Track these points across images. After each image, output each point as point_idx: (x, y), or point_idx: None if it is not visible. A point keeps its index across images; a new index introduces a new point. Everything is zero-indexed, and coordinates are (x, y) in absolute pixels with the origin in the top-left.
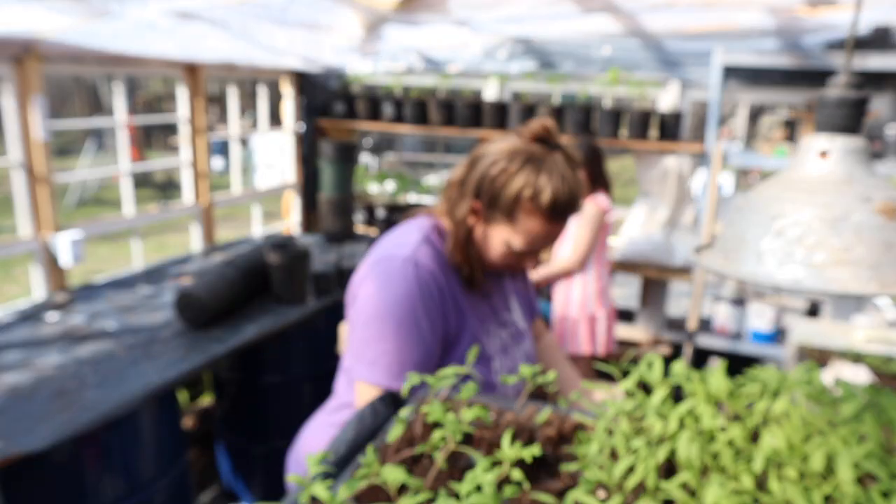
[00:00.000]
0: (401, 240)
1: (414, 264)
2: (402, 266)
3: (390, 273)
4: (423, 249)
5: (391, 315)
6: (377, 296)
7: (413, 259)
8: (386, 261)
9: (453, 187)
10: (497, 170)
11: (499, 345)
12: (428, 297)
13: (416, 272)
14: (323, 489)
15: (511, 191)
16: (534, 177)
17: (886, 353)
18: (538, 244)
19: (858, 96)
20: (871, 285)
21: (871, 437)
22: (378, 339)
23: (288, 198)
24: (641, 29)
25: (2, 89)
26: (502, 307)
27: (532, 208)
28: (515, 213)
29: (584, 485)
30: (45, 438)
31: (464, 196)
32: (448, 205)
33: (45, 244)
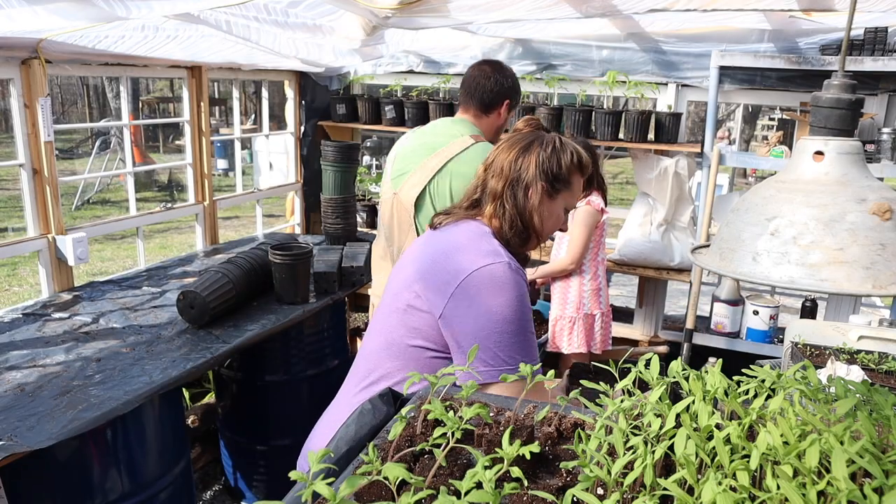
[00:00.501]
0: (485, 246)
1: (516, 269)
2: (507, 271)
3: (500, 279)
4: (504, 251)
5: (515, 319)
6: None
7: (511, 263)
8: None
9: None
10: (548, 152)
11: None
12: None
13: (518, 275)
14: (324, 486)
15: (566, 162)
16: (571, 147)
17: (881, 352)
18: (578, 197)
19: (853, 98)
20: (865, 285)
21: (866, 435)
22: (518, 340)
23: (290, 198)
24: (640, 31)
25: (9, 91)
26: None
27: (577, 169)
28: (571, 178)
29: (583, 482)
30: (49, 436)
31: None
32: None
33: (51, 244)
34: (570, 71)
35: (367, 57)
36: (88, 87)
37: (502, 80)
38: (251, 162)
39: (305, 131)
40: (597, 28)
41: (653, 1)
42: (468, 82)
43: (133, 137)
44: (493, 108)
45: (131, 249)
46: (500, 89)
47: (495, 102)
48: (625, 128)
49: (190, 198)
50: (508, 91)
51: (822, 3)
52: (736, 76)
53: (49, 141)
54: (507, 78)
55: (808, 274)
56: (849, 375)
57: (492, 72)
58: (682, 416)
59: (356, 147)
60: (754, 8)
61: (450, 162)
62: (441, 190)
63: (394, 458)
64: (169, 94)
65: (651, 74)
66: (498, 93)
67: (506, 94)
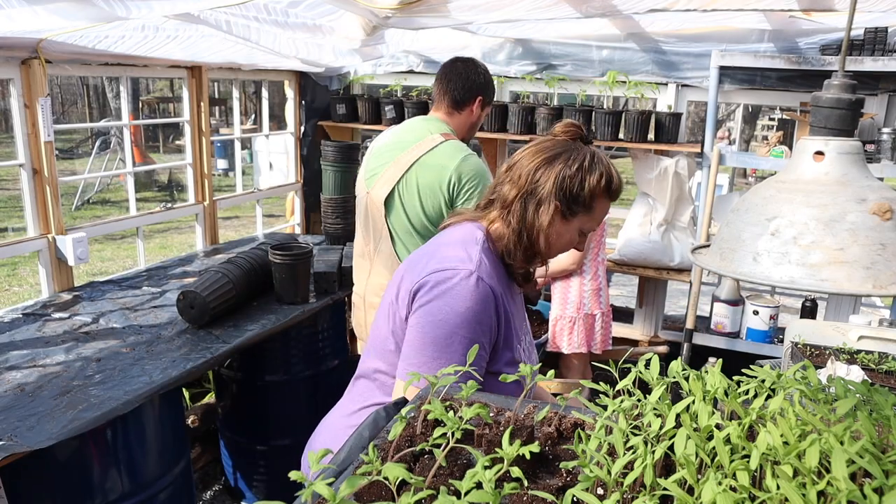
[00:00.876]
0: (462, 250)
1: (478, 279)
2: (466, 279)
3: (454, 285)
4: (484, 261)
5: (455, 328)
6: (440, 308)
7: (477, 274)
8: (450, 272)
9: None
10: (572, 171)
11: (521, 351)
12: (488, 313)
13: (479, 287)
14: (324, 486)
15: (591, 184)
16: (603, 168)
17: (881, 352)
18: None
19: (853, 98)
20: (865, 285)
21: (866, 435)
22: (443, 353)
23: (290, 198)
24: (639, 31)
25: (9, 91)
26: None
27: (605, 193)
28: (594, 202)
29: (583, 482)
30: (49, 436)
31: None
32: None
33: (51, 244)
34: (570, 71)
35: (367, 57)
36: (88, 87)
37: (474, 76)
38: (251, 162)
39: (305, 131)
40: (597, 28)
41: (653, 1)
42: (439, 79)
43: (133, 137)
44: (465, 106)
45: (131, 249)
46: (472, 86)
47: (466, 99)
48: (625, 128)
49: (190, 198)
50: (480, 88)
51: (822, 3)
52: (736, 76)
53: (49, 141)
54: (479, 74)
55: (809, 274)
56: (849, 375)
57: (463, 68)
58: (682, 416)
59: (356, 147)
60: (754, 8)
61: (418, 160)
62: (409, 188)
63: (394, 458)
64: (169, 94)
65: (651, 74)
66: (469, 89)
67: (477, 90)
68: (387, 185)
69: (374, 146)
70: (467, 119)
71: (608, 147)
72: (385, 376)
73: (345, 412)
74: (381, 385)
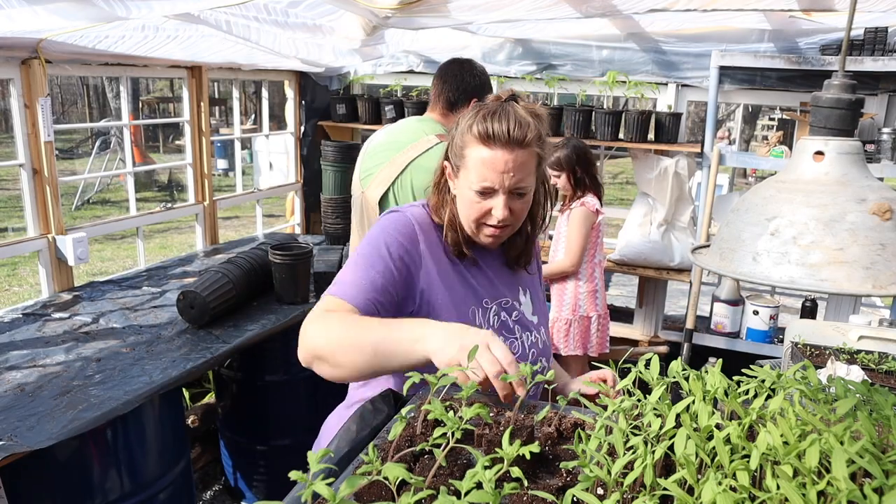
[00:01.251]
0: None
1: (400, 212)
2: (388, 214)
3: (381, 220)
4: (420, 212)
5: (367, 242)
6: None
7: (402, 210)
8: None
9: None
10: (454, 128)
11: (496, 323)
12: (400, 234)
13: (398, 217)
14: (324, 486)
15: (462, 128)
16: (477, 115)
17: (881, 352)
18: (490, 175)
19: (853, 98)
20: (865, 285)
21: (866, 435)
22: (350, 264)
23: (290, 198)
24: (639, 31)
25: (9, 91)
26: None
27: (474, 139)
28: (465, 152)
29: (583, 482)
30: (49, 436)
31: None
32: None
33: (51, 244)
34: (570, 71)
35: (367, 57)
36: (88, 87)
37: (469, 78)
38: (251, 162)
39: (305, 131)
40: (597, 28)
41: (653, 1)
42: (436, 80)
43: (133, 137)
44: (460, 107)
45: (131, 249)
46: (466, 88)
47: (461, 101)
48: (625, 128)
49: (190, 198)
50: (475, 90)
51: (822, 3)
52: (736, 76)
53: (49, 141)
54: (474, 76)
55: (808, 274)
56: (849, 375)
57: (459, 70)
58: (682, 416)
59: (356, 147)
60: (754, 8)
61: (413, 161)
62: (404, 189)
63: (394, 458)
64: (169, 94)
65: (651, 74)
66: (463, 91)
67: (472, 92)
68: (382, 185)
69: (369, 145)
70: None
71: (608, 147)
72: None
73: (341, 408)
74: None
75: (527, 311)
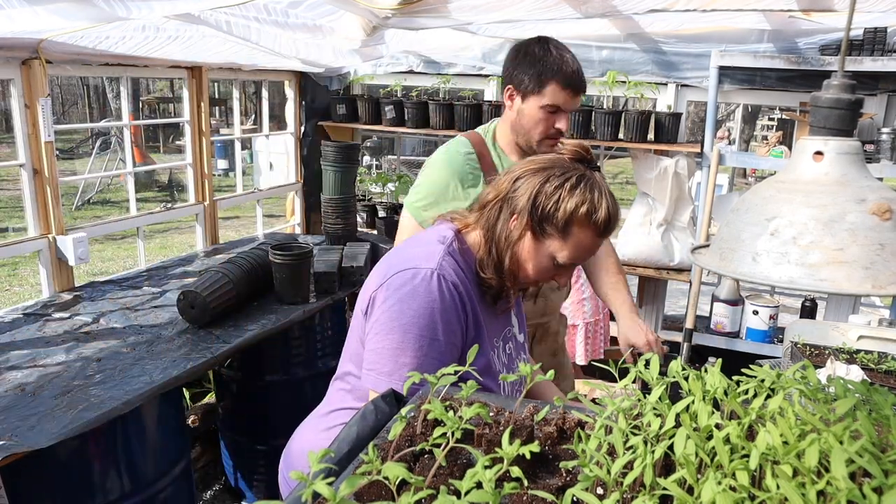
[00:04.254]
0: (424, 251)
1: (439, 277)
2: (427, 278)
3: (415, 284)
4: (447, 261)
5: (414, 327)
6: (399, 307)
7: (438, 272)
8: (410, 272)
9: (494, 204)
10: (552, 188)
11: (506, 359)
12: (451, 311)
13: (440, 285)
14: (325, 486)
15: (568, 207)
16: (589, 195)
17: (881, 352)
18: (582, 257)
19: (852, 98)
20: (864, 285)
21: (865, 435)
22: (398, 351)
23: (290, 198)
24: (639, 32)
25: (9, 91)
26: (507, 322)
27: (587, 224)
28: (570, 229)
29: (583, 482)
30: (49, 436)
31: (512, 213)
32: (488, 222)
33: (51, 244)
34: None
35: (367, 57)
36: (89, 88)
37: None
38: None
39: (305, 131)
40: (597, 28)
41: (653, 1)
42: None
43: (133, 137)
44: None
45: (131, 249)
46: (505, 73)
47: (503, 90)
48: (625, 128)
49: (190, 198)
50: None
51: (821, 3)
52: (736, 76)
53: (49, 141)
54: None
55: (808, 274)
56: (848, 375)
57: (511, 52)
58: (682, 415)
59: (356, 147)
60: (754, 8)
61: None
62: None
63: (394, 457)
64: (169, 94)
65: (651, 74)
66: (504, 77)
67: (508, 78)
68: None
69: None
70: (508, 115)
71: (608, 147)
72: (356, 380)
73: (318, 413)
74: (352, 388)
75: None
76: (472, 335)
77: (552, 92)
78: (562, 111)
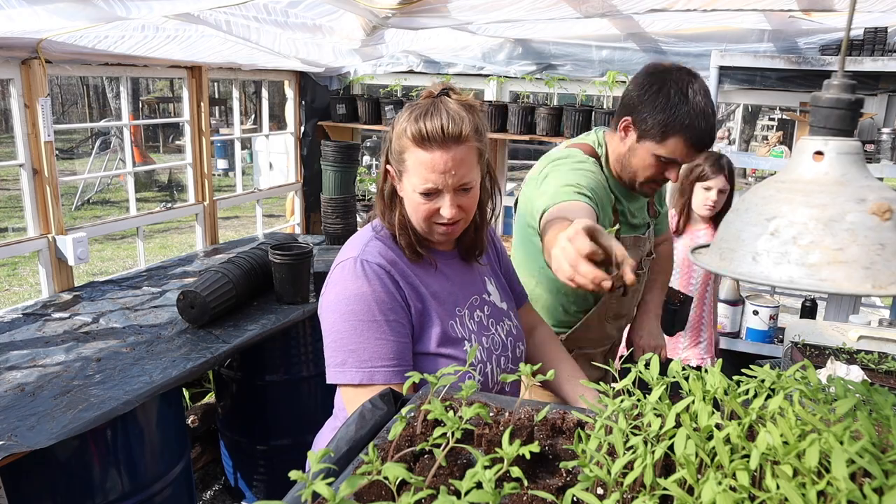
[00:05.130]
0: (353, 243)
1: (362, 262)
2: (352, 266)
3: (343, 275)
4: (372, 245)
5: (351, 315)
6: (335, 300)
7: (361, 257)
8: (338, 267)
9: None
10: (391, 125)
11: (473, 326)
12: (381, 291)
13: (363, 269)
14: (324, 486)
15: (395, 135)
16: (405, 121)
17: (881, 352)
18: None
19: (852, 98)
20: (864, 285)
21: (865, 435)
22: (344, 341)
23: (290, 198)
24: (639, 31)
25: (9, 91)
26: (474, 290)
27: (409, 142)
28: (404, 156)
29: (583, 482)
30: (49, 436)
31: (381, 168)
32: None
33: (51, 244)
34: (570, 71)
35: (367, 57)
36: (88, 87)
37: (634, 90)
38: (251, 162)
39: (305, 131)
40: (597, 28)
41: (653, 1)
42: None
43: (133, 137)
44: (617, 124)
45: (131, 249)
46: (626, 101)
47: (619, 116)
48: None
49: (190, 198)
50: (634, 106)
51: (822, 3)
52: (736, 76)
53: (49, 141)
54: (643, 90)
55: (808, 274)
56: (849, 375)
57: (635, 79)
58: (682, 416)
59: (356, 147)
60: (754, 8)
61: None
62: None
63: (394, 457)
64: (169, 94)
65: None
66: (623, 105)
67: (630, 108)
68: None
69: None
70: (617, 145)
71: None
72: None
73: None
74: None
75: (496, 301)
76: (417, 307)
77: (675, 145)
78: (676, 164)
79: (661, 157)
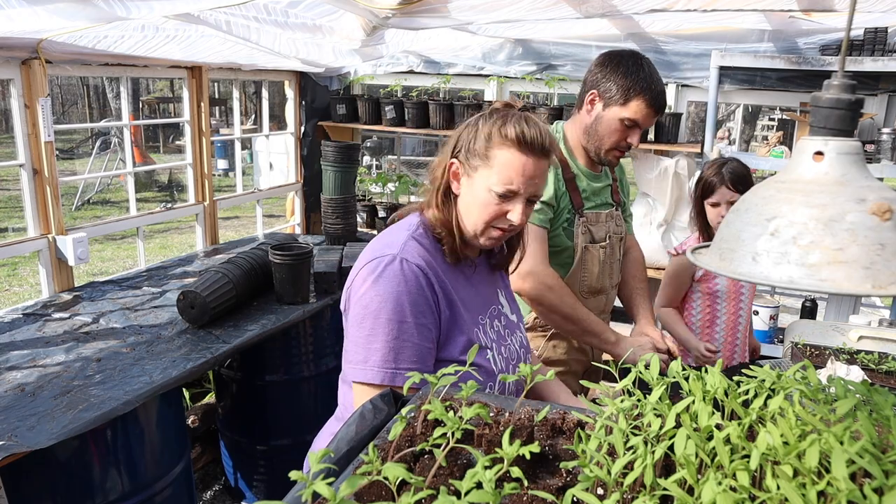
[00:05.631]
0: (389, 239)
1: (401, 261)
2: (390, 264)
3: (379, 272)
4: (410, 246)
5: (382, 312)
6: (367, 295)
7: (400, 256)
8: (375, 262)
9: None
10: (466, 127)
11: (494, 335)
12: (418, 293)
13: (403, 269)
14: (324, 486)
15: (486, 131)
16: (499, 120)
17: (881, 352)
18: (516, 179)
19: (852, 98)
20: (864, 285)
21: (866, 435)
22: (370, 338)
23: (290, 199)
24: (639, 31)
25: (9, 91)
26: (493, 300)
27: (501, 138)
28: (491, 153)
29: (583, 482)
30: (49, 436)
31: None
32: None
33: (51, 244)
34: (570, 71)
35: (367, 57)
36: (88, 88)
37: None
38: (251, 162)
39: (305, 131)
40: (597, 28)
41: (653, 1)
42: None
43: (133, 138)
44: (581, 102)
45: (131, 249)
46: (589, 80)
47: (583, 94)
48: None
49: (190, 198)
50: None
51: (822, 3)
52: (736, 76)
53: (49, 141)
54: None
55: (808, 274)
56: (849, 375)
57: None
58: (682, 416)
59: (356, 147)
60: (754, 8)
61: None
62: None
63: (394, 458)
64: (169, 94)
65: None
66: (587, 84)
67: (594, 83)
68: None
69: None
70: (583, 119)
71: None
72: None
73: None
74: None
75: (507, 312)
76: (446, 314)
77: (636, 107)
78: (638, 127)
79: (626, 119)
